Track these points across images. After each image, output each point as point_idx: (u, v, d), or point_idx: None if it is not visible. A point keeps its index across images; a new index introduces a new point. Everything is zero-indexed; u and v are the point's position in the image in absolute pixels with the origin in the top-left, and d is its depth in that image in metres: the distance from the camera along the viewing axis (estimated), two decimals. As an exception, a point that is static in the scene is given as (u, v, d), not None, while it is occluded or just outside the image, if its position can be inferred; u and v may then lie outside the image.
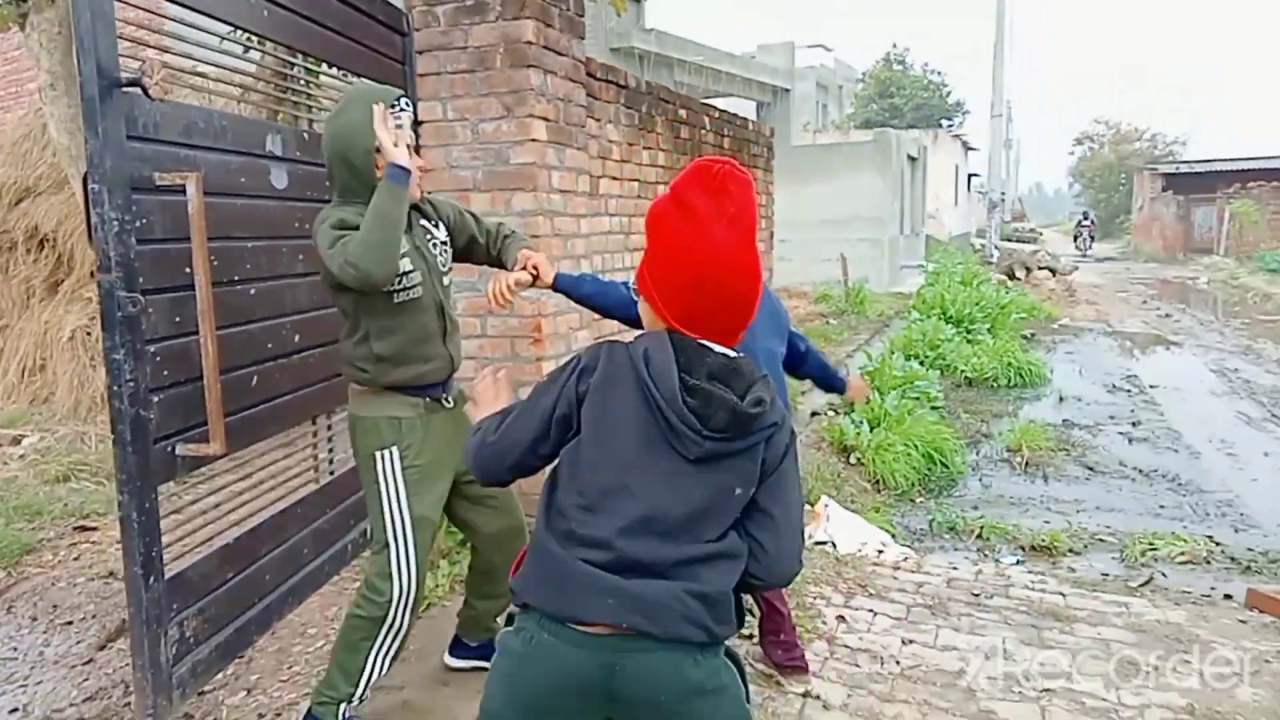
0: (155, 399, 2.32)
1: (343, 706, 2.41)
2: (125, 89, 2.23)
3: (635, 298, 1.62)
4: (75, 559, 4.15)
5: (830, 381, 3.27)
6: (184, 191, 2.32)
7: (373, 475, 2.32)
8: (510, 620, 1.55)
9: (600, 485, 1.45)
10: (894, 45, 41.80)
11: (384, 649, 2.42)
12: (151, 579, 2.32)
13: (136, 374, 2.25)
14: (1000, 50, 21.56)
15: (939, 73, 40.53)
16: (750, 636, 3.17)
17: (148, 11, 2.53)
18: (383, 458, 2.32)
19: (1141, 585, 3.96)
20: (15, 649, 3.47)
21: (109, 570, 3.97)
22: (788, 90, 21.56)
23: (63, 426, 6.03)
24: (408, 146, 2.21)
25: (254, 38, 3.59)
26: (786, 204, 9.86)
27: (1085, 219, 34.18)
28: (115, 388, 2.23)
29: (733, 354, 1.50)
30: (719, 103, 16.49)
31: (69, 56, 5.10)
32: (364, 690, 2.43)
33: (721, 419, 1.41)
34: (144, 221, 2.28)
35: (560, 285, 2.37)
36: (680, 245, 1.48)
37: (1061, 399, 8.43)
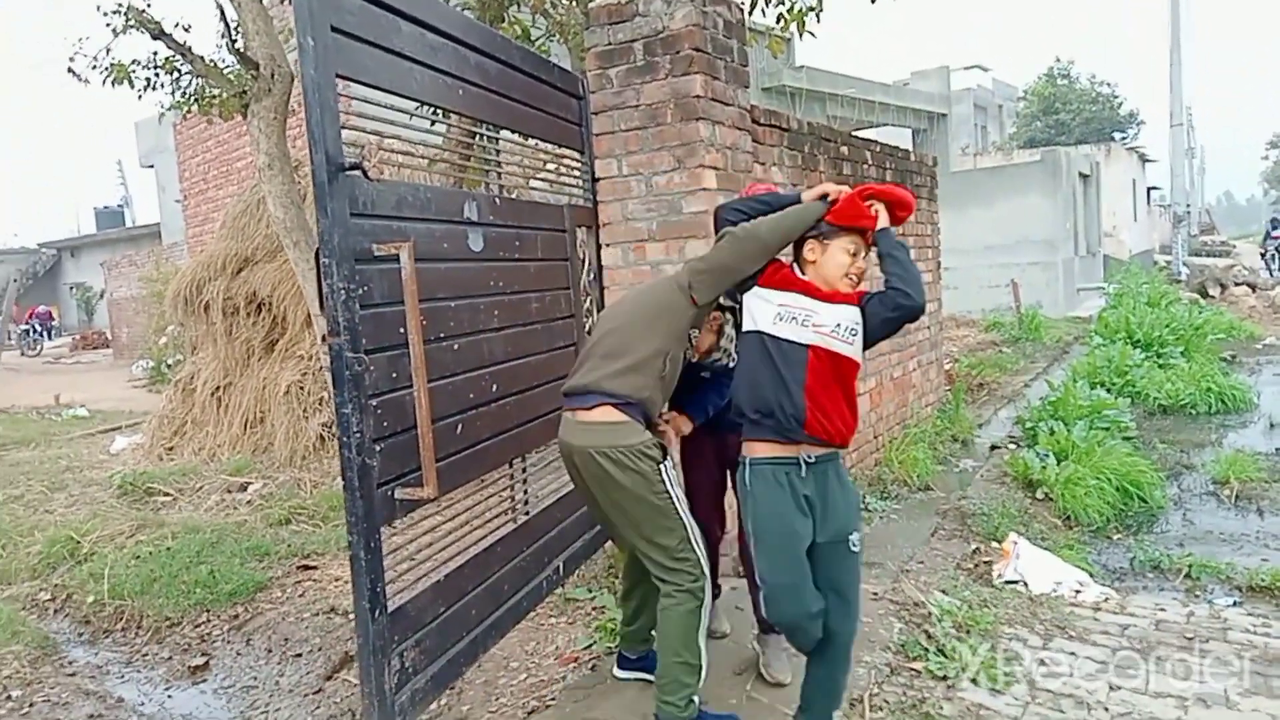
0: (378, 448, 2.56)
1: (696, 698, 2.71)
2: (348, 172, 2.51)
3: None
4: (300, 595, 4.56)
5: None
6: (398, 260, 2.58)
7: (662, 486, 2.68)
8: None
9: None
10: (1057, 59, 39.80)
11: (704, 629, 2.74)
12: (377, 612, 2.54)
13: (362, 426, 2.49)
14: (1176, 54, 20.21)
15: (1108, 84, 38.31)
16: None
17: (359, 100, 2.83)
18: (665, 469, 2.70)
19: (1385, 630, 3.59)
20: (255, 678, 3.86)
21: (330, 606, 4.34)
22: (944, 115, 21.04)
23: (281, 474, 6.64)
24: None
25: (448, 114, 3.93)
26: (948, 231, 9.61)
27: (1275, 229, 26.77)
28: (345, 438, 2.47)
29: None
30: (874, 132, 16.33)
31: (284, 139, 5.71)
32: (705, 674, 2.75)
33: None
34: (365, 289, 2.54)
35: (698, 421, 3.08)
36: None
37: (1272, 426, 7.74)
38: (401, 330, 2.63)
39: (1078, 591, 4.08)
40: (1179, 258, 21.05)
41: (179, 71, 6.47)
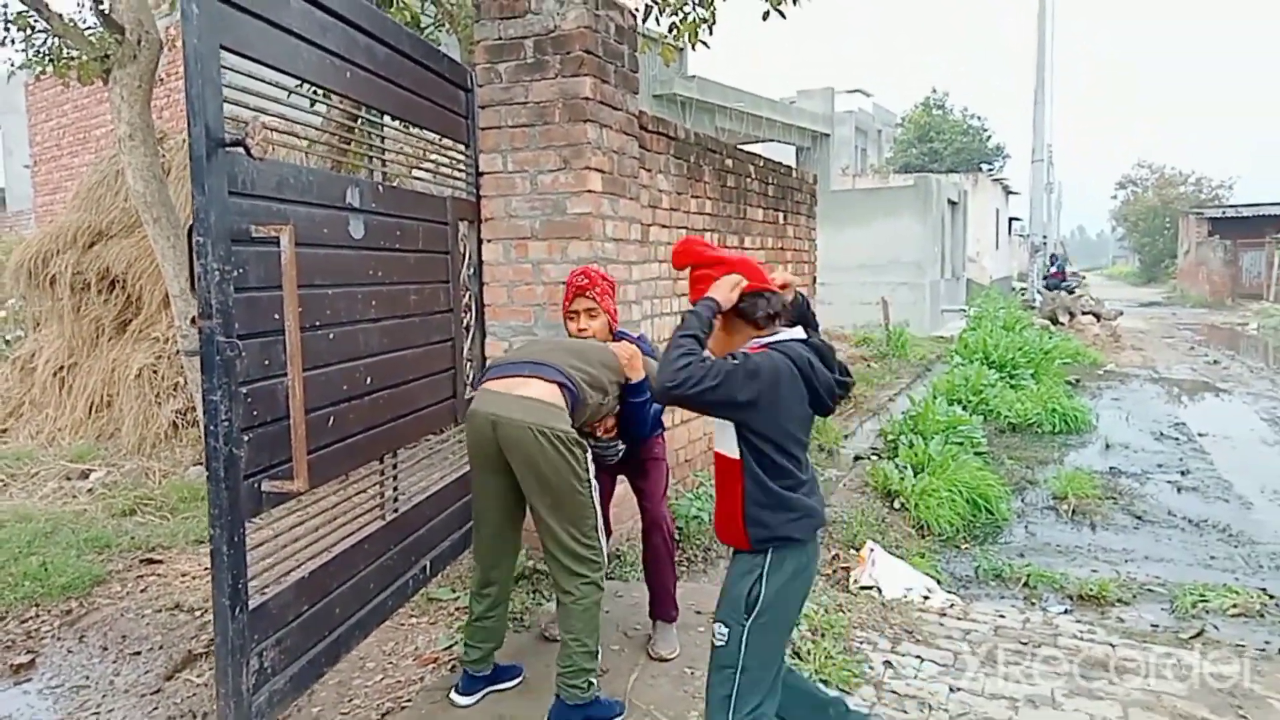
0: (246, 438, 2.45)
1: (594, 680, 2.86)
2: (229, 148, 2.40)
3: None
4: (142, 591, 4.30)
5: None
6: (277, 243, 2.48)
7: (585, 476, 2.82)
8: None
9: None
10: (933, 90, 41.79)
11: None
12: (237, 610, 2.43)
13: (231, 414, 2.38)
14: (1040, 95, 21.56)
15: (979, 117, 40.53)
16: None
17: (245, 75, 2.71)
18: (588, 460, 2.84)
19: (1193, 637, 3.93)
20: (88, 677, 3.61)
21: (175, 603, 4.11)
22: (827, 135, 21.75)
23: (128, 461, 6.25)
24: None
25: (329, 94, 3.80)
26: (825, 248, 9.95)
27: (1053, 264, 25.05)
28: (211, 427, 2.36)
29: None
30: (759, 148, 16.72)
31: (148, 109, 5.40)
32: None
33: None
34: (241, 271, 2.43)
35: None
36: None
37: (1108, 446, 8.35)
38: (277, 316, 2.54)
39: (926, 597, 4.29)
40: (1035, 286, 22.45)
41: (32, 28, 6.02)
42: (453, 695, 3.08)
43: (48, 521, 5.09)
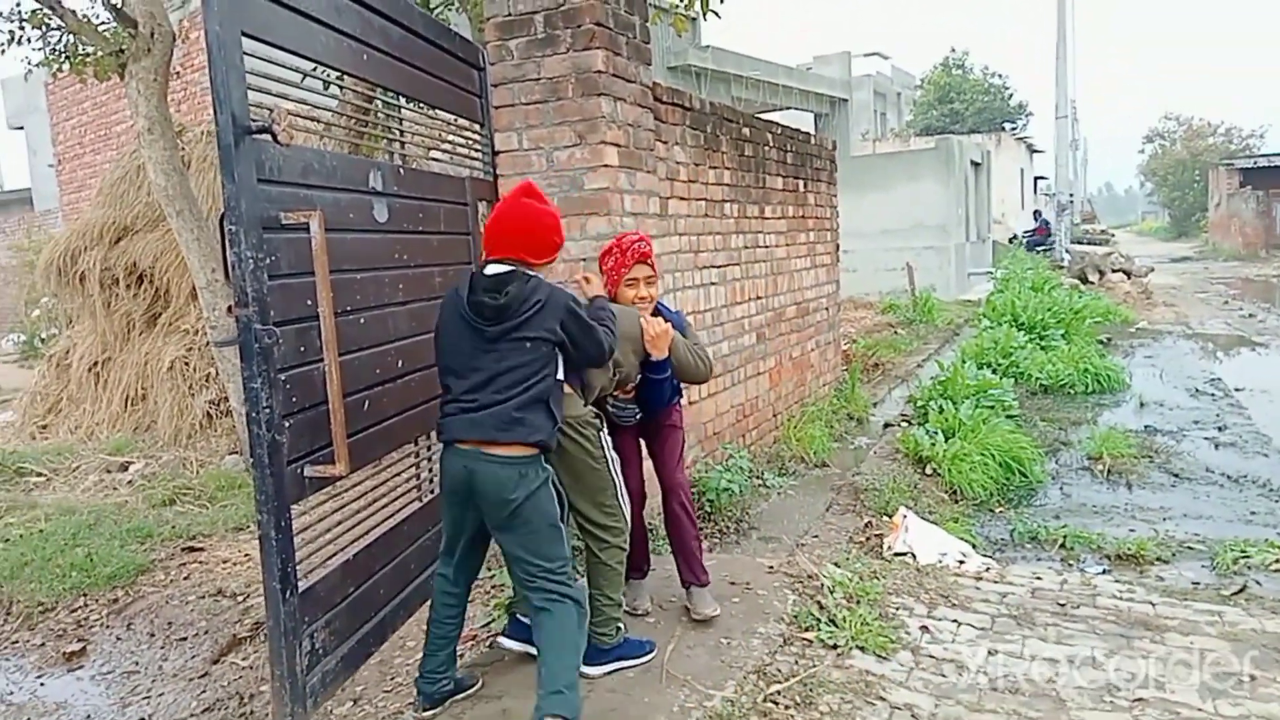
0: (287, 424, 2.48)
1: (621, 625, 3.09)
2: (256, 136, 2.40)
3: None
4: (185, 578, 4.39)
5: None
6: (307, 229, 2.49)
7: (600, 452, 2.96)
8: None
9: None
10: (953, 50, 41.01)
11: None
12: (288, 593, 2.48)
13: (271, 401, 2.41)
14: (1063, 49, 21.14)
15: (1000, 75, 39.71)
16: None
17: (265, 61, 2.71)
18: (603, 437, 2.99)
19: (1235, 594, 3.88)
20: (137, 663, 3.70)
21: (217, 589, 4.19)
22: (845, 100, 21.49)
23: (165, 453, 6.35)
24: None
25: (344, 77, 3.79)
26: (847, 215, 9.85)
27: (1035, 220, 24.33)
28: (254, 414, 2.38)
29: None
30: (776, 116, 16.57)
31: (164, 102, 5.42)
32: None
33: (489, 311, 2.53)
34: (273, 258, 2.45)
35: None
36: None
37: (1142, 405, 8.23)
38: (310, 302, 2.56)
39: (961, 562, 4.27)
40: (1062, 245, 22.12)
41: (47, 26, 6.06)
42: (501, 640, 3.21)
43: (90, 514, 5.20)
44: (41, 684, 3.60)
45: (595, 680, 2.98)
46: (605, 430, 3.04)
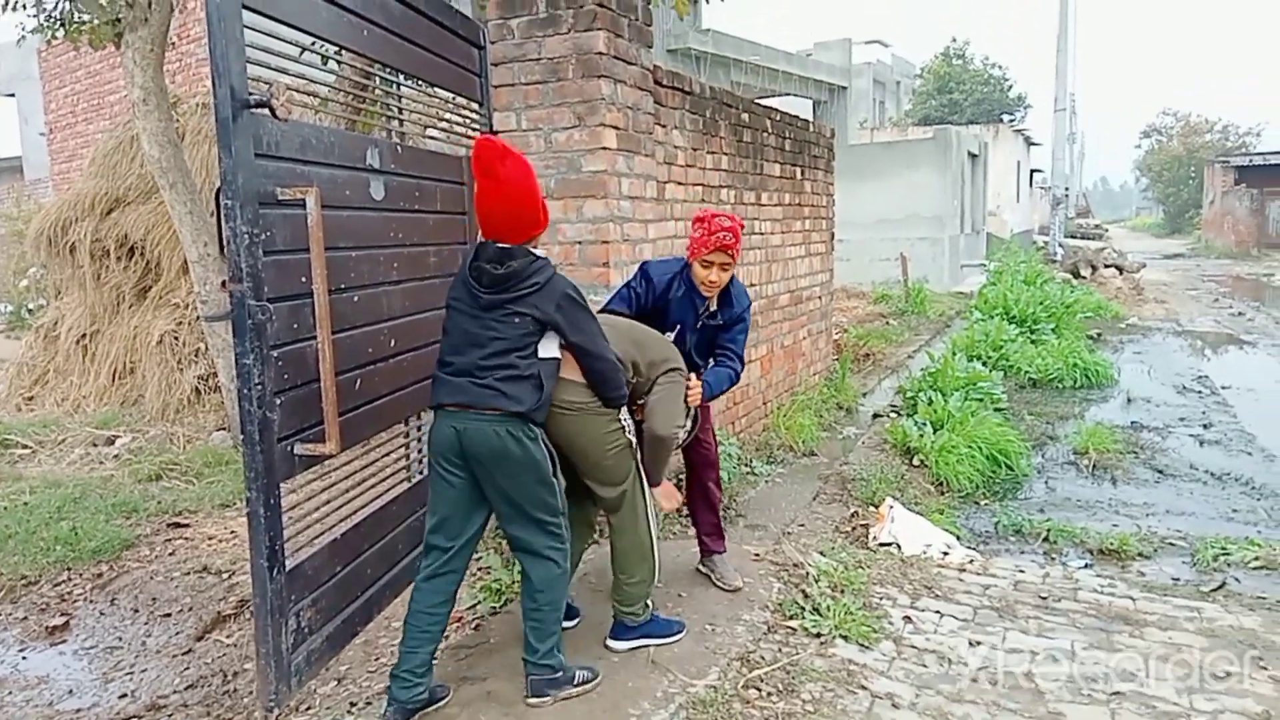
0: (278, 401, 2.47)
1: (649, 603, 3.16)
2: (254, 110, 2.38)
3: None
4: (170, 554, 4.38)
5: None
6: (303, 205, 2.47)
7: (629, 448, 2.96)
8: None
9: None
10: (953, 40, 40.86)
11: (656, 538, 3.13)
12: (275, 571, 2.47)
13: (263, 378, 2.40)
14: (1063, 42, 21.08)
15: (1000, 66, 39.54)
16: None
17: (266, 35, 2.68)
18: (621, 416, 2.94)
19: (1214, 590, 3.92)
20: (120, 638, 3.69)
21: (203, 565, 4.18)
22: (844, 88, 21.42)
23: (153, 428, 6.32)
24: None
25: (343, 52, 3.75)
26: (843, 203, 9.83)
27: None
28: (245, 390, 2.37)
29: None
30: (775, 101, 16.52)
31: (160, 73, 5.37)
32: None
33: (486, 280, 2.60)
34: (269, 234, 2.43)
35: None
36: None
37: (1130, 400, 8.29)
38: (304, 279, 2.55)
39: (945, 553, 4.30)
40: (1056, 239, 22.16)
41: (43, -9, 5.99)
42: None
43: (76, 487, 5.18)
44: (24, 658, 3.59)
45: (621, 655, 3.09)
46: (628, 424, 3.00)
